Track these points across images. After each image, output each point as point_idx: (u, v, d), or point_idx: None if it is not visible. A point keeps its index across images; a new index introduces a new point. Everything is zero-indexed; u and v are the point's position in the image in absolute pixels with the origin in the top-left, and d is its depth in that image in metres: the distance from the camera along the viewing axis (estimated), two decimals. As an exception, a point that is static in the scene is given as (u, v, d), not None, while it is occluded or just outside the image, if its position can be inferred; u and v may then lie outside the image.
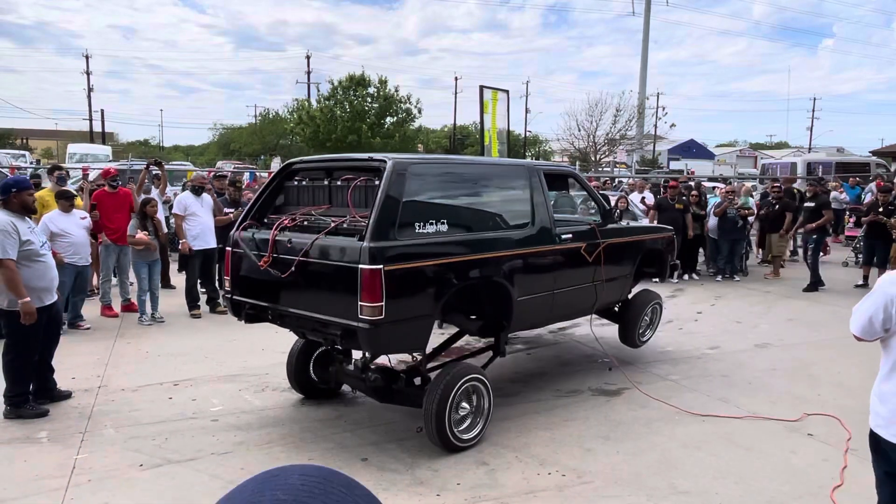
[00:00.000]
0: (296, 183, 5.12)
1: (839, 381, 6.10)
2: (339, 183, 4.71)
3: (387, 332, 4.11)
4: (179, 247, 8.75)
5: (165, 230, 9.66)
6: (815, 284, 10.61)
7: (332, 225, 4.44)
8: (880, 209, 10.41)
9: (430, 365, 5.15)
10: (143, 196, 8.92)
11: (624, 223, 6.44)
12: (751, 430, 4.95)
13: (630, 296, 6.72)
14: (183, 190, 10.77)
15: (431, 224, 4.40)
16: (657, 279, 7.21)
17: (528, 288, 5.08)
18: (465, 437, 4.54)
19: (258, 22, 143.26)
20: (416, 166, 4.51)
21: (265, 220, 5.03)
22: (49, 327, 5.23)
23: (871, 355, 4.97)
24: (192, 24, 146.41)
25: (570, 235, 5.53)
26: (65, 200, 7.38)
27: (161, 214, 9.87)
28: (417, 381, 4.99)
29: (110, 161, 23.13)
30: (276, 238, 4.60)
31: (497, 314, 5.08)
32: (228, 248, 5.04)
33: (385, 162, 4.34)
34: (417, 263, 4.26)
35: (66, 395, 5.40)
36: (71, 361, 6.18)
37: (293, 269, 4.40)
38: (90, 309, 8.20)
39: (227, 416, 5.12)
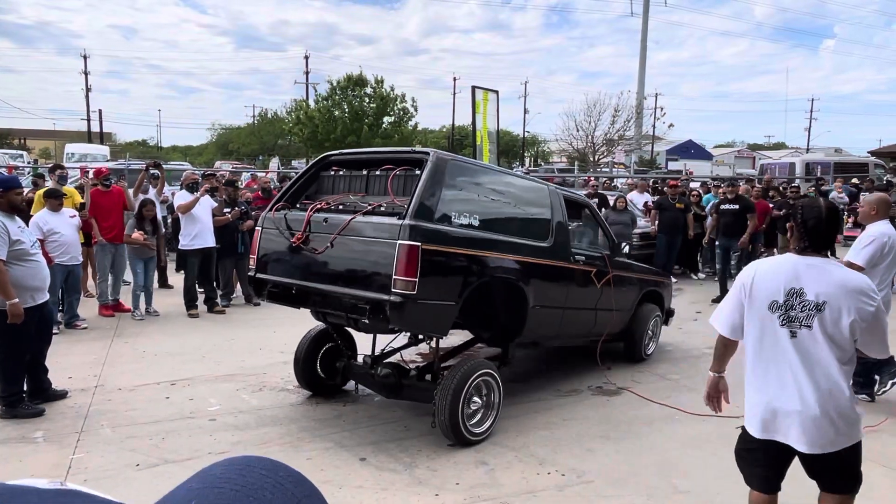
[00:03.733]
0: (332, 173, 5.26)
1: (839, 380, 6.07)
2: (377, 172, 4.89)
3: (415, 308, 4.21)
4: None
5: (163, 230, 9.65)
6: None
7: (371, 206, 4.58)
8: None
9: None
10: (141, 197, 8.90)
11: (628, 260, 6.79)
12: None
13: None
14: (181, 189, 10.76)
15: (465, 217, 4.56)
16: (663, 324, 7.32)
17: (543, 297, 5.23)
18: (477, 430, 4.63)
19: (259, 22, 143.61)
20: (455, 162, 4.73)
21: (298, 205, 5.12)
22: (41, 327, 5.19)
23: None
24: (192, 24, 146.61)
25: (583, 258, 5.75)
26: (53, 199, 7.28)
27: (159, 215, 9.86)
28: (428, 377, 5.04)
29: (108, 161, 23.08)
30: (311, 218, 4.71)
31: (511, 320, 5.18)
32: (258, 228, 5.14)
33: (428, 154, 4.57)
34: (451, 248, 4.41)
35: (62, 395, 5.36)
36: (67, 361, 6.15)
37: (330, 245, 4.51)
38: (86, 308, 8.16)
39: (224, 415, 5.09)
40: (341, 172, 5.19)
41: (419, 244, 4.15)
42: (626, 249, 6.85)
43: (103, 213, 8.20)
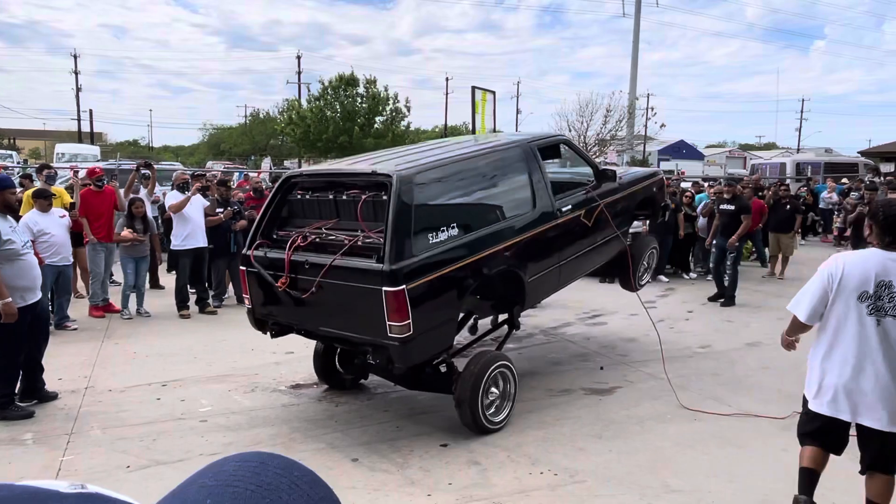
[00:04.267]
0: (299, 196, 5.11)
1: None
2: (344, 198, 4.76)
3: (417, 344, 4.27)
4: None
5: (155, 230, 9.60)
6: (733, 298, 9.58)
7: (347, 244, 4.47)
8: (866, 206, 10.44)
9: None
10: (131, 196, 8.85)
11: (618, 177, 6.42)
12: (743, 428, 4.95)
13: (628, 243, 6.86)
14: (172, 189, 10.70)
15: (443, 231, 4.48)
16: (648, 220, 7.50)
17: (537, 268, 5.27)
18: (496, 419, 4.77)
19: (251, 22, 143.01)
20: (420, 175, 4.51)
21: (275, 237, 5.04)
22: (35, 326, 5.16)
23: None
24: (184, 24, 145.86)
25: (569, 206, 5.63)
26: (42, 200, 7.21)
27: (150, 214, 9.81)
28: (443, 368, 5.08)
29: (98, 161, 22.95)
30: (291, 259, 4.64)
31: (510, 294, 5.26)
32: (243, 268, 5.08)
33: (390, 177, 4.33)
34: (437, 274, 4.36)
35: (53, 397, 5.32)
36: (58, 362, 6.10)
37: (314, 290, 4.47)
38: (76, 309, 8.11)
39: (216, 416, 5.07)
40: (308, 196, 5.05)
41: (403, 287, 4.11)
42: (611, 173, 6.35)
43: (95, 213, 8.15)
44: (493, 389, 4.76)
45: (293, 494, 0.55)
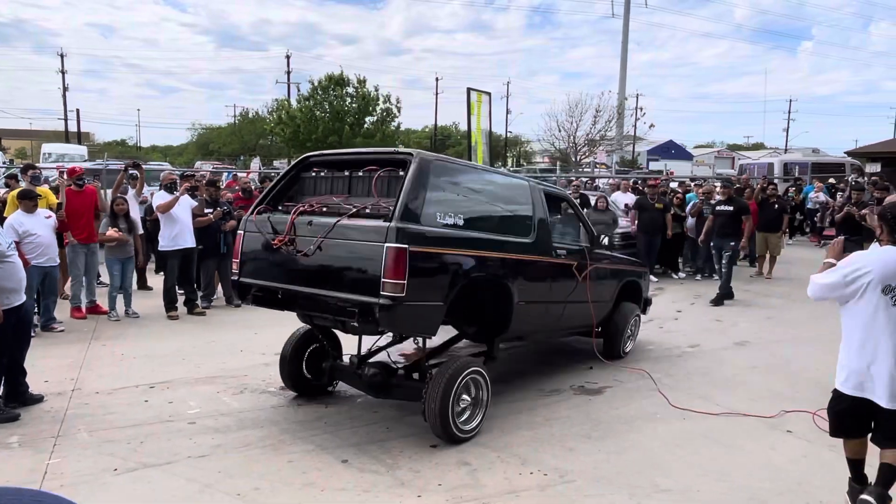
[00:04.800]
0: (313, 174, 5.22)
1: (817, 378, 6.15)
2: (360, 173, 4.86)
3: (404, 311, 4.23)
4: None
5: (141, 231, 9.52)
6: (724, 297, 9.70)
7: (356, 209, 4.57)
8: (853, 206, 10.52)
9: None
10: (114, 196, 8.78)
11: (607, 252, 6.92)
12: (731, 427, 4.98)
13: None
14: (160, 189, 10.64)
15: (450, 217, 4.58)
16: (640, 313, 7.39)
17: (527, 293, 5.29)
18: (466, 428, 4.66)
19: (241, 21, 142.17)
20: (438, 162, 4.73)
21: (280, 207, 5.08)
22: (18, 329, 5.10)
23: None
24: (173, 23, 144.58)
25: (564, 252, 5.84)
26: (28, 200, 7.12)
27: (137, 215, 9.74)
28: (415, 376, 5.07)
29: (86, 161, 22.77)
30: (295, 221, 4.69)
31: (496, 316, 5.23)
32: (240, 231, 5.11)
33: (412, 155, 4.56)
34: (438, 249, 4.44)
35: (38, 399, 5.27)
36: (44, 364, 6.04)
37: (317, 248, 4.49)
38: (63, 311, 8.04)
39: (204, 418, 5.04)
40: (322, 174, 5.16)
41: (406, 246, 4.16)
42: (605, 241, 6.95)
43: (76, 213, 8.08)
44: (465, 396, 4.66)
45: None
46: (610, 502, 3.85)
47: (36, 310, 7.47)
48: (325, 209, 4.78)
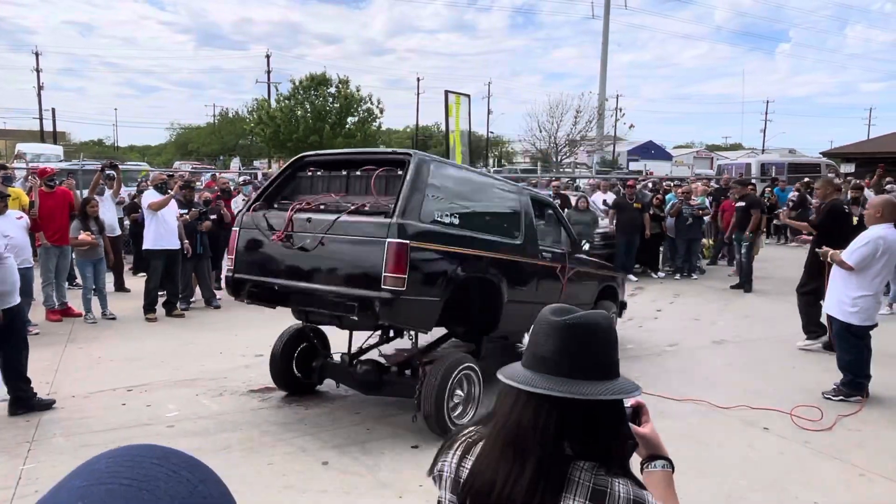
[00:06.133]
0: (309, 174, 5.29)
1: (793, 376, 6.25)
2: (358, 173, 4.95)
3: (404, 305, 4.35)
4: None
5: (119, 232, 9.41)
6: (747, 284, 10.60)
7: (355, 206, 4.65)
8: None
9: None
10: (84, 196, 8.65)
11: (588, 257, 7.12)
12: (709, 425, 5.03)
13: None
14: (139, 192, 10.53)
15: (447, 216, 4.70)
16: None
17: (516, 292, 5.41)
18: (461, 423, 4.70)
19: (222, 20, 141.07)
20: (436, 163, 4.86)
21: (275, 206, 5.13)
22: (12, 331, 5.05)
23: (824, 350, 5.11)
24: (152, 22, 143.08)
25: (549, 255, 6.02)
26: None
27: (115, 216, 9.62)
28: (407, 373, 5.16)
29: (62, 161, 22.43)
30: (293, 217, 4.75)
31: (485, 315, 5.36)
32: (236, 228, 5.14)
33: (410, 155, 4.72)
34: (437, 246, 4.56)
35: (48, 405, 5.18)
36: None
37: (317, 243, 4.55)
38: (38, 313, 7.92)
39: (183, 421, 4.99)
40: (319, 173, 5.22)
41: (407, 242, 4.29)
42: (587, 247, 7.12)
43: (49, 214, 7.95)
44: (459, 392, 4.80)
45: (171, 482, 0.53)
46: (590, 501, 3.87)
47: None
48: (322, 206, 4.84)
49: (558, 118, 35.03)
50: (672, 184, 15.56)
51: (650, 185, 14.10)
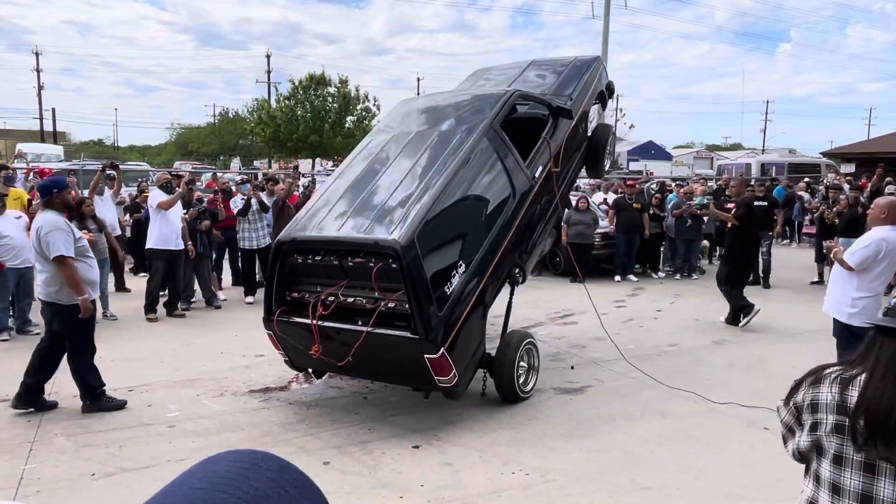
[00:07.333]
0: (300, 260, 4.98)
1: (794, 375, 6.23)
2: (351, 264, 4.75)
3: (464, 378, 4.83)
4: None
5: (118, 232, 9.40)
6: (766, 279, 10.99)
7: (370, 308, 4.63)
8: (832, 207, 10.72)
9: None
10: (79, 196, 8.63)
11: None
12: (710, 425, 5.04)
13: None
14: (139, 192, 10.54)
15: (454, 275, 4.70)
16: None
17: (531, 233, 5.84)
18: (526, 389, 5.44)
19: (221, 20, 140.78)
20: (422, 232, 4.48)
21: (289, 299, 5.08)
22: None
23: (825, 348, 5.12)
24: (152, 21, 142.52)
25: (539, 169, 5.93)
26: None
27: (115, 216, 9.62)
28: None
29: (62, 161, 22.44)
30: (320, 329, 4.77)
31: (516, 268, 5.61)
32: (270, 333, 5.17)
33: (396, 250, 4.35)
34: (463, 315, 4.71)
35: (52, 406, 5.24)
36: (20, 368, 5.93)
37: (349, 358, 4.66)
38: (36, 313, 7.91)
39: (184, 421, 5.00)
40: (310, 260, 4.92)
41: (442, 350, 4.45)
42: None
43: None
44: (523, 364, 5.38)
45: (282, 502, 0.54)
46: (591, 501, 3.88)
47: (11, 313, 7.36)
48: (338, 304, 4.76)
49: (558, 118, 34.99)
50: (674, 184, 15.52)
51: (654, 185, 14.04)
